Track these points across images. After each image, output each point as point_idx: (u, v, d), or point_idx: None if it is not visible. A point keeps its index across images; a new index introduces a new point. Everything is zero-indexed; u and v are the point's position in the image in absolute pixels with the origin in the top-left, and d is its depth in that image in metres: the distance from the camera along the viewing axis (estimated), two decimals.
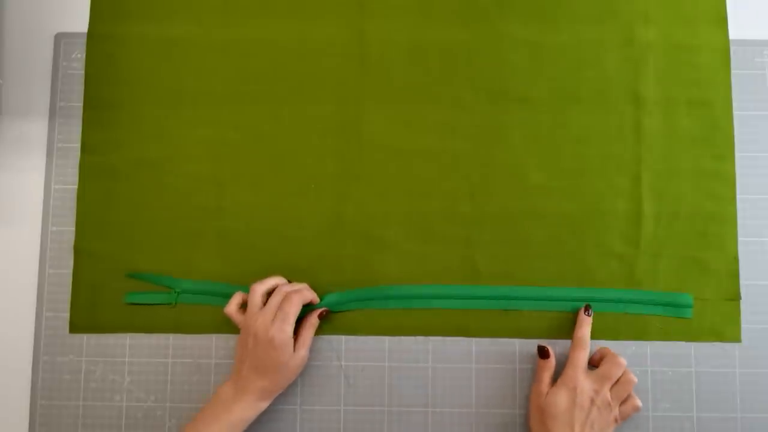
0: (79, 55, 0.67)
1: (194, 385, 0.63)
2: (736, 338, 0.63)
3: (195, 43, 0.66)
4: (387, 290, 0.63)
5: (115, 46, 0.67)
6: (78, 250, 0.64)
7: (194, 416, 0.57)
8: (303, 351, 0.59)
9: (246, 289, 0.61)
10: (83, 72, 0.66)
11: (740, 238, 0.63)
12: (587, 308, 0.61)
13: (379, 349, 0.63)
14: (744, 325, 0.63)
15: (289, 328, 0.57)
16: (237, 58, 0.66)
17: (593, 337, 0.62)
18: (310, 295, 0.61)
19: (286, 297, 0.59)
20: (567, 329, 0.62)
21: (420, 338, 0.63)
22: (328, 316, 0.62)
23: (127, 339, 0.64)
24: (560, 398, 0.57)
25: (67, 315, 0.64)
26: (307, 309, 0.61)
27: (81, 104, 0.66)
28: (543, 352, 0.60)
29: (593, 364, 0.61)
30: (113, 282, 0.64)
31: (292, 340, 0.58)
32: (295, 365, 0.59)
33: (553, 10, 0.66)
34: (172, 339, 0.64)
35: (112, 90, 0.66)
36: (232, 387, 0.58)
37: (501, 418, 0.62)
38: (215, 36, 0.67)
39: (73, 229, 0.65)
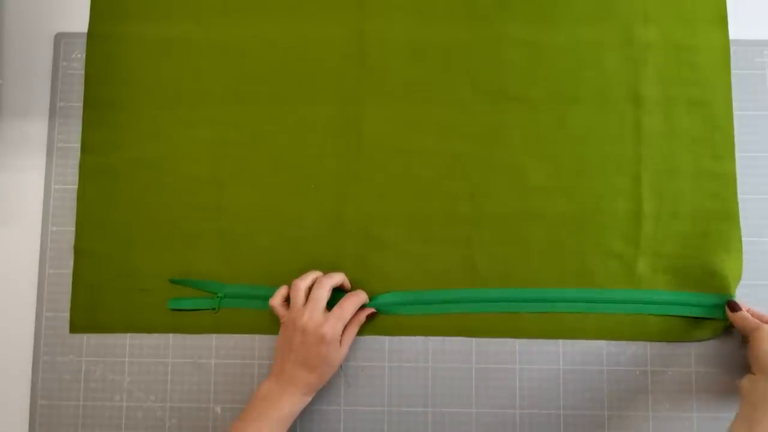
0: (79, 55, 0.67)
1: (194, 385, 0.63)
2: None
3: (194, 43, 0.66)
4: (440, 294, 0.63)
5: (114, 46, 0.67)
6: (78, 250, 0.64)
7: (239, 416, 0.57)
8: (345, 348, 0.60)
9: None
10: (83, 72, 0.66)
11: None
12: (733, 305, 0.60)
13: (379, 349, 0.63)
14: None
15: (342, 326, 0.58)
16: (237, 58, 0.66)
17: (596, 337, 0.62)
18: (365, 298, 0.62)
19: (347, 297, 0.60)
20: (569, 329, 0.63)
21: (420, 338, 0.63)
22: (373, 317, 0.63)
23: (127, 339, 0.64)
24: None
25: (67, 315, 0.64)
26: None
27: (81, 104, 0.66)
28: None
29: None
30: (113, 282, 0.64)
31: (341, 336, 0.59)
32: (337, 361, 0.59)
33: (553, 10, 0.66)
34: (172, 339, 0.64)
35: (111, 90, 0.66)
36: (275, 383, 0.58)
37: (501, 417, 0.62)
38: (215, 36, 0.67)
39: (73, 229, 0.65)
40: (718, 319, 0.62)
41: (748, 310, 0.60)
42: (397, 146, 0.65)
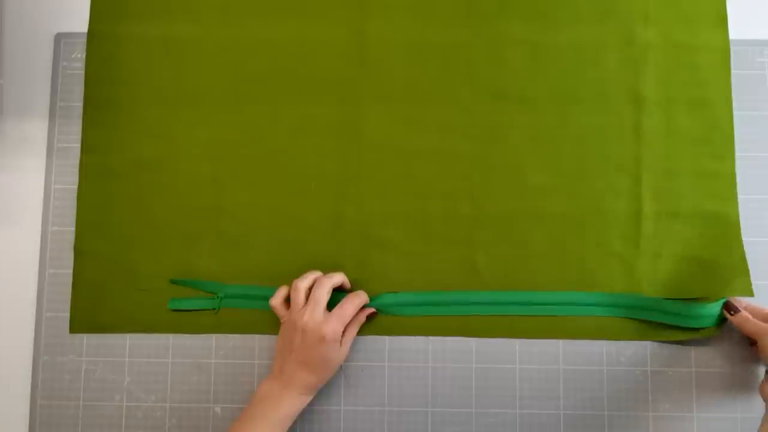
0: (79, 55, 0.67)
1: (194, 385, 0.63)
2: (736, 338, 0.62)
3: (195, 43, 0.66)
4: (441, 296, 0.63)
5: (115, 46, 0.67)
6: (78, 250, 0.64)
7: (239, 416, 0.57)
8: (346, 348, 0.60)
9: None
10: (83, 72, 0.66)
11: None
12: (730, 307, 0.59)
13: (379, 349, 0.63)
14: None
15: (342, 327, 0.58)
16: (237, 58, 0.66)
17: (596, 337, 0.62)
18: (365, 298, 0.61)
19: (347, 298, 0.60)
20: (569, 330, 0.63)
21: (420, 338, 0.63)
22: (373, 317, 0.63)
23: (127, 339, 0.64)
24: None
25: (67, 315, 0.64)
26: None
27: (81, 104, 0.66)
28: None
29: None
30: (113, 282, 0.64)
31: (341, 337, 0.59)
32: (338, 361, 0.59)
33: (554, 10, 0.66)
34: (172, 339, 0.64)
35: (112, 90, 0.66)
36: (276, 383, 0.58)
37: (501, 417, 0.62)
38: (215, 36, 0.67)
39: (73, 229, 0.65)
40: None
41: (746, 307, 0.60)
42: (397, 146, 0.65)
